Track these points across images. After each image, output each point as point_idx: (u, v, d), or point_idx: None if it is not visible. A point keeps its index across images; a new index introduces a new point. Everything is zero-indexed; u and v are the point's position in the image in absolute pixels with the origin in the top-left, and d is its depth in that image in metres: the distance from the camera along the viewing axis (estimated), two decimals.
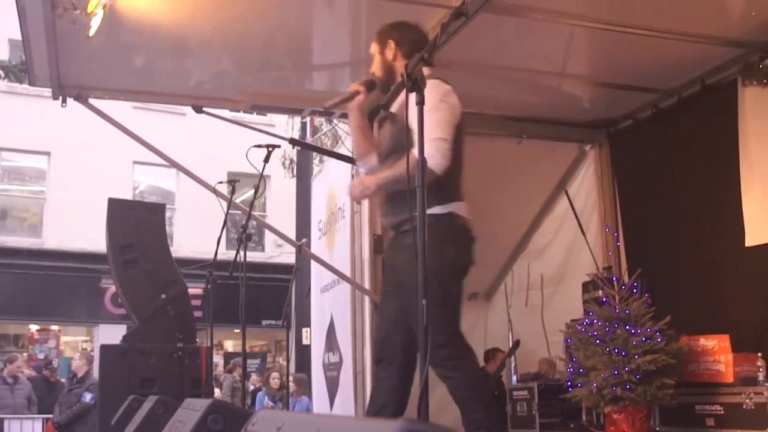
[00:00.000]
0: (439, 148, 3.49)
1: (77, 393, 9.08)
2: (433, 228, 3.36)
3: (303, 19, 5.21)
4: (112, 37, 4.84)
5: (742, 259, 5.54)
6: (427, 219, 3.29)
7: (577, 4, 5.22)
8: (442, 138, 3.51)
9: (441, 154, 3.50)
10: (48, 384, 11.14)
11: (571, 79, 6.41)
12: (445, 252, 3.51)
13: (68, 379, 10.13)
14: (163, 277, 5.60)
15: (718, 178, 5.81)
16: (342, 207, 6.72)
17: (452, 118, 3.62)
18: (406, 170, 3.21)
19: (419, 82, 3.13)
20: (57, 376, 11.60)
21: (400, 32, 3.90)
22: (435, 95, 3.51)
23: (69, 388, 9.48)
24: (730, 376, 5.09)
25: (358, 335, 6.17)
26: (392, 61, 3.89)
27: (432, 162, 3.38)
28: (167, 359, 5.37)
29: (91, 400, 8.65)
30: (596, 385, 5.05)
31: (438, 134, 3.49)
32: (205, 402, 2.40)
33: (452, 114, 3.63)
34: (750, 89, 5.55)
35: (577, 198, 7.34)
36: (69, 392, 9.35)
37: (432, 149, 3.41)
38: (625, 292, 5.41)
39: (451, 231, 3.62)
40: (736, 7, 5.25)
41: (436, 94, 3.53)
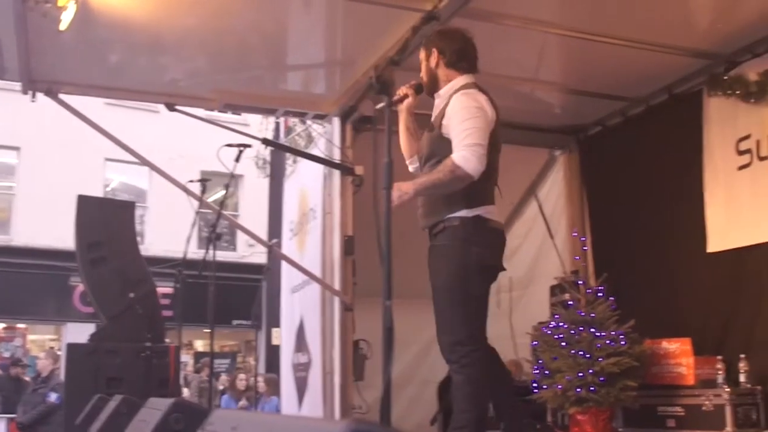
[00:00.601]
0: (477, 153, 3.62)
1: (42, 393, 8.95)
2: (459, 229, 3.72)
3: (278, 18, 5.22)
4: (84, 32, 4.79)
5: (704, 264, 5.66)
6: (455, 221, 3.74)
7: (550, 12, 5.29)
8: (479, 144, 3.64)
9: (478, 159, 3.62)
10: (15, 383, 10.95)
11: (543, 85, 6.48)
12: (469, 252, 3.70)
13: (33, 379, 10.00)
14: (131, 276, 5.57)
15: (683, 186, 5.92)
16: (313, 208, 6.74)
17: (486, 126, 3.73)
18: (444, 174, 3.61)
19: (387, 85, 3.27)
20: (26, 375, 11.45)
21: (444, 41, 4.01)
22: (471, 104, 3.72)
23: (33, 388, 9.33)
24: (691, 378, 5.19)
25: (327, 336, 6.18)
26: (435, 69, 4.01)
27: (470, 166, 3.58)
28: (135, 358, 5.35)
29: (57, 400, 8.56)
30: (561, 386, 5.13)
31: (475, 140, 3.63)
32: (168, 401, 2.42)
33: (486, 122, 3.73)
34: (715, 99, 5.67)
35: (547, 202, 7.43)
36: (33, 392, 9.21)
37: (469, 153, 3.60)
38: (591, 295, 5.50)
39: (477, 232, 3.74)
40: (702, 19, 5.34)
41: (472, 102, 3.74)
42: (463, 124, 3.68)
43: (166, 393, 5.20)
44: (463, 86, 3.87)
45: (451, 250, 3.74)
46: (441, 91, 3.96)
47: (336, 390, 5.96)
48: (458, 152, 3.63)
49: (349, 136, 6.31)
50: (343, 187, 6.19)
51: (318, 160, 6.31)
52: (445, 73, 3.96)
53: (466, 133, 3.65)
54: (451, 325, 3.73)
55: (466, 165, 3.59)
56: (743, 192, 5.39)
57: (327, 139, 6.39)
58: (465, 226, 3.73)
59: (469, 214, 3.74)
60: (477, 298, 3.78)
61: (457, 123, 3.71)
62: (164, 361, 5.43)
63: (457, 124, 3.71)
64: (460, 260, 3.72)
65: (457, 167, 3.61)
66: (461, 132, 3.66)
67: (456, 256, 3.72)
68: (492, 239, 3.84)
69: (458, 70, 3.96)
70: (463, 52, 3.99)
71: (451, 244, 3.75)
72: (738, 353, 5.17)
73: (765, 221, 5.21)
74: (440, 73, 3.99)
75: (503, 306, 7.65)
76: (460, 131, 3.67)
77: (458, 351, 3.68)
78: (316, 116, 6.54)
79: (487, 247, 3.79)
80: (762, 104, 5.27)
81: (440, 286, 3.79)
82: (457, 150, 3.64)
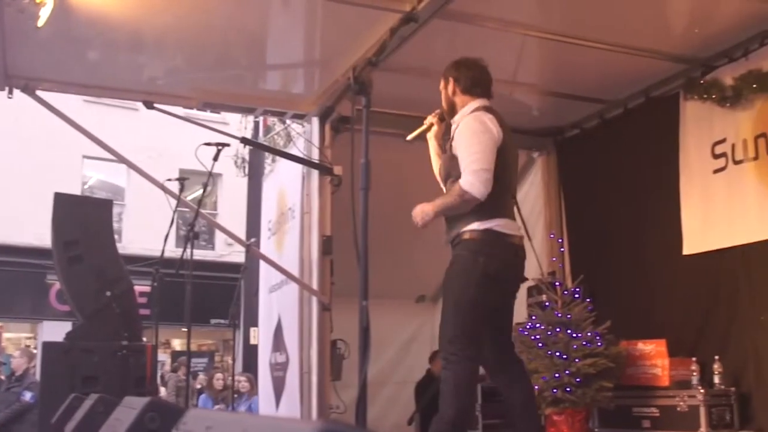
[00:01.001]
0: (482, 179, 3.85)
1: (16, 391, 8.85)
2: (470, 242, 3.96)
3: (258, 18, 5.21)
4: (62, 28, 4.74)
5: (680, 267, 5.72)
6: (467, 234, 3.98)
7: (530, 14, 5.33)
8: (484, 169, 3.87)
9: (483, 185, 3.85)
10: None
11: (521, 87, 6.50)
12: (476, 261, 3.94)
13: (7, 377, 9.88)
14: (108, 274, 5.52)
15: (659, 188, 5.98)
16: (292, 207, 6.72)
17: (493, 147, 3.92)
18: (454, 198, 3.93)
19: (365, 85, 3.34)
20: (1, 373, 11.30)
21: (458, 70, 4.25)
22: (476, 126, 3.97)
23: (7, 387, 9.21)
24: (666, 379, 5.26)
25: (305, 335, 6.16)
26: (452, 96, 4.25)
27: (475, 190, 3.85)
28: (111, 357, 5.31)
29: (31, 399, 8.46)
30: (537, 387, 5.17)
31: (480, 165, 3.86)
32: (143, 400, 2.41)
33: (492, 141, 3.93)
34: (691, 103, 5.73)
35: (525, 204, 7.42)
36: (7, 390, 9.09)
37: (474, 179, 3.86)
38: (568, 296, 5.54)
39: (486, 244, 3.95)
40: (680, 23, 5.40)
41: (477, 125, 3.97)
42: (469, 149, 3.93)
43: (142, 392, 5.17)
44: (474, 109, 4.08)
45: (461, 258, 3.99)
46: (456, 118, 4.20)
47: (313, 390, 5.95)
48: (465, 177, 3.88)
49: (328, 136, 6.31)
50: (322, 186, 6.19)
51: (297, 160, 6.30)
52: (461, 99, 4.20)
53: (472, 158, 3.89)
54: (447, 325, 3.97)
55: (471, 189, 3.85)
56: (718, 195, 5.46)
57: (306, 139, 6.38)
58: (475, 238, 3.95)
59: (479, 227, 3.95)
60: (476, 305, 3.94)
61: (464, 147, 3.96)
62: (141, 360, 5.39)
63: (463, 148, 3.96)
64: (466, 268, 3.95)
65: (465, 192, 3.87)
66: (467, 157, 3.91)
67: (464, 264, 3.97)
68: (502, 252, 4.00)
69: (473, 95, 4.18)
70: (476, 78, 4.22)
71: (462, 254, 3.99)
72: (712, 355, 5.25)
73: (740, 224, 5.27)
74: (457, 100, 4.23)
75: None
76: (467, 156, 3.92)
77: (448, 349, 3.92)
78: (295, 116, 6.53)
79: (495, 258, 3.96)
80: (737, 108, 5.34)
81: (446, 288, 4.07)
82: (465, 175, 3.89)
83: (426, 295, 8.68)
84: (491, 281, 3.96)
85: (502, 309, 4.14)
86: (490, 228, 3.96)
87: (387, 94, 6.23)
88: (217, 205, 20.78)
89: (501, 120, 4.07)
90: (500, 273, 3.99)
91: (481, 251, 3.95)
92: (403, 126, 6.75)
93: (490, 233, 3.96)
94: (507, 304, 4.19)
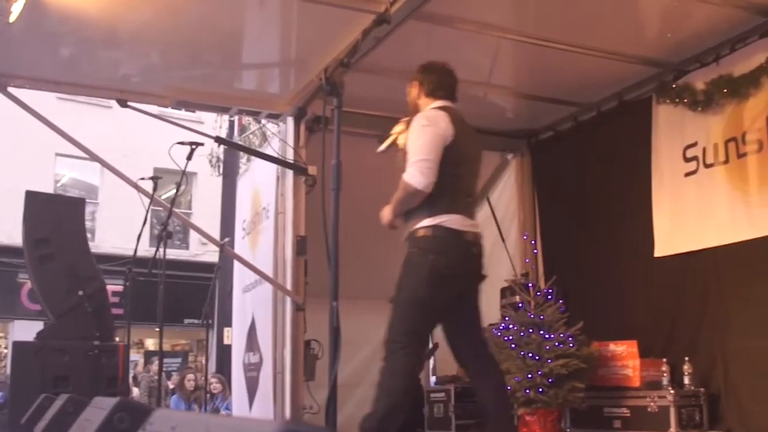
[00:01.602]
0: (420, 168, 3.84)
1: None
2: (421, 239, 3.93)
3: (234, 17, 5.19)
4: (34, 25, 4.70)
5: (651, 269, 5.78)
6: (419, 231, 3.94)
7: (504, 17, 5.36)
8: (423, 159, 3.85)
9: (422, 174, 3.83)
10: None
11: (496, 89, 6.56)
12: (425, 259, 3.90)
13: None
14: (80, 273, 5.47)
15: (631, 191, 6.04)
16: (266, 207, 6.70)
17: (437, 140, 3.91)
18: (400, 192, 3.92)
19: (337, 86, 3.37)
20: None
21: (423, 74, 4.29)
22: (422, 121, 3.97)
23: None
24: (636, 380, 5.30)
25: (278, 336, 6.15)
26: (417, 99, 4.27)
27: (415, 180, 3.83)
28: (82, 357, 5.25)
29: (0, 399, 8.40)
30: (510, 387, 5.19)
31: (420, 156, 3.86)
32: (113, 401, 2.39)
33: (436, 136, 3.91)
34: (663, 107, 5.80)
35: (499, 205, 7.50)
36: None
37: (413, 169, 3.85)
38: (541, 298, 5.58)
39: (436, 241, 3.91)
40: (653, 28, 5.46)
41: (423, 120, 3.99)
42: (412, 143, 3.92)
43: (114, 392, 5.13)
44: (426, 111, 4.11)
45: (412, 256, 3.94)
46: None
47: (287, 390, 5.94)
48: (408, 170, 3.87)
49: (303, 136, 6.29)
50: (296, 186, 6.17)
51: (271, 160, 6.28)
52: (425, 101, 4.22)
53: (413, 151, 3.89)
54: (394, 321, 3.92)
55: (411, 180, 3.84)
56: (689, 198, 5.52)
57: (281, 139, 6.37)
58: (425, 235, 3.92)
59: (429, 223, 3.91)
60: (425, 303, 3.90)
61: (410, 142, 3.96)
62: (113, 360, 5.35)
63: (409, 143, 3.96)
64: (416, 265, 3.91)
65: (407, 184, 3.87)
66: (411, 150, 3.91)
67: (414, 261, 3.93)
68: (452, 248, 3.94)
69: (436, 98, 4.19)
70: (439, 82, 4.24)
71: (412, 251, 3.95)
72: (682, 356, 5.30)
73: (710, 227, 5.34)
74: (420, 103, 4.24)
75: None
76: (410, 150, 3.92)
77: (388, 345, 3.89)
78: (270, 115, 6.52)
79: (445, 255, 3.91)
80: (708, 113, 5.40)
81: (397, 285, 3.98)
82: (407, 168, 3.88)
83: None
84: (441, 279, 3.91)
85: (463, 306, 4.08)
86: (440, 224, 3.91)
87: (362, 95, 6.25)
88: (192, 205, 20.67)
89: (458, 118, 4.07)
90: (451, 270, 3.92)
91: (431, 248, 3.91)
92: (379, 126, 6.76)
93: (441, 229, 3.91)
94: (468, 301, 4.11)
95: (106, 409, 2.32)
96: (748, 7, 5.01)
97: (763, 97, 5.06)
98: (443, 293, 3.95)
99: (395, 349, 3.87)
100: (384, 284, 8.78)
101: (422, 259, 3.90)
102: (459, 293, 4.04)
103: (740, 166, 5.19)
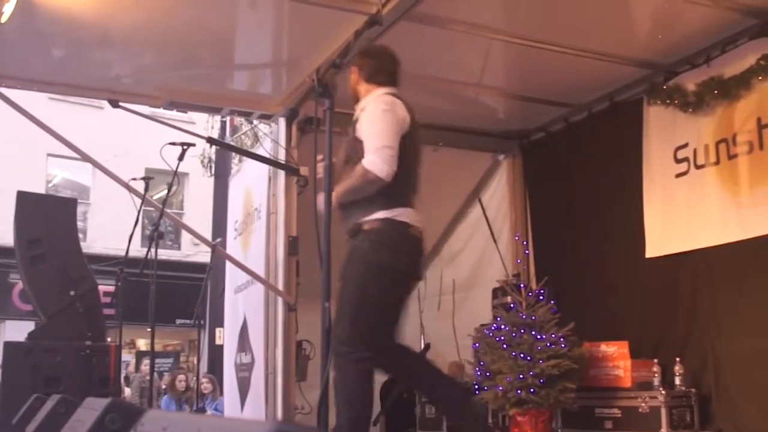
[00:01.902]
0: (383, 156, 3.64)
1: None
2: (373, 232, 3.71)
3: (226, 17, 5.18)
4: (26, 24, 4.68)
5: (642, 269, 5.80)
6: (371, 224, 3.72)
7: (496, 18, 5.37)
8: (387, 146, 3.66)
9: (385, 161, 3.64)
10: None
11: (488, 90, 6.57)
12: (378, 254, 3.69)
13: None
14: (72, 273, 5.46)
15: (622, 192, 6.06)
16: (258, 207, 6.70)
17: (396, 127, 3.76)
18: (357, 180, 3.65)
19: (329, 87, 3.34)
20: None
21: (363, 59, 4.13)
22: (378, 107, 3.79)
23: None
24: (628, 380, 5.32)
25: (270, 336, 6.15)
26: (356, 85, 4.11)
27: (377, 168, 3.62)
28: (74, 357, 5.24)
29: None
30: (502, 388, 5.21)
31: (383, 143, 3.66)
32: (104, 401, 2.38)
33: (396, 123, 3.76)
34: (654, 108, 5.82)
35: (490, 206, 7.52)
36: None
37: (377, 157, 3.63)
38: (532, 298, 5.59)
39: (390, 236, 3.73)
40: (643, 29, 5.48)
41: (381, 105, 3.80)
42: (372, 128, 3.74)
43: (106, 392, 5.12)
44: (382, 94, 3.94)
45: (362, 250, 3.72)
46: (361, 103, 4.02)
47: (278, 390, 5.94)
48: (367, 156, 3.67)
49: (295, 136, 6.31)
50: (288, 187, 6.18)
51: (263, 160, 6.28)
52: (365, 87, 4.05)
53: (374, 137, 3.70)
54: (343, 323, 3.61)
55: (373, 168, 3.63)
56: (681, 199, 5.54)
57: (272, 140, 6.37)
58: (378, 228, 3.73)
59: (382, 217, 3.73)
60: (379, 302, 3.71)
61: (368, 127, 3.76)
62: (105, 360, 5.34)
63: (367, 128, 3.77)
64: (368, 261, 3.70)
65: (367, 171, 3.64)
66: (371, 136, 3.71)
67: (365, 256, 3.71)
68: (406, 245, 3.79)
69: (376, 83, 4.02)
70: (379, 67, 4.08)
71: (362, 246, 3.73)
72: (673, 357, 5.32)
73: (701, 228, 5.36)
74: (360, 88, 4.08)
75: (445, 308, 7.74)
76: (370, 135, 3.72)
77: (339, 350, 3.56)
78: (261, 116, 6.51)
79: (398, 251, 3.75)
80: (699, 114, 5.42)
81: (345, 282, 3.72)
82: (367, 154, 3.68)
83: None
84: (395, 276, 3.75)
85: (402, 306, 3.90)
86: (395, 218, 3.73)
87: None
88: (184, 205, 20.62)
89: (410, 107, 3.95)
90: (405, 267, 3.79)
91: (385, 244, 3.70)
92: None
93: (395, 224, 3.73)
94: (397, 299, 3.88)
95: (98, 410, 2.32)
96: (738, 9, 5.03)
97: (754, 98, 5.09)
98: (396, 292, 3.79)
99: (346, 356, 3.60)
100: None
101: (374, 254, 3.69)
102: (407, 292, 3.88)
103: (731, 167, 5.21)
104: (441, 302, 7.86)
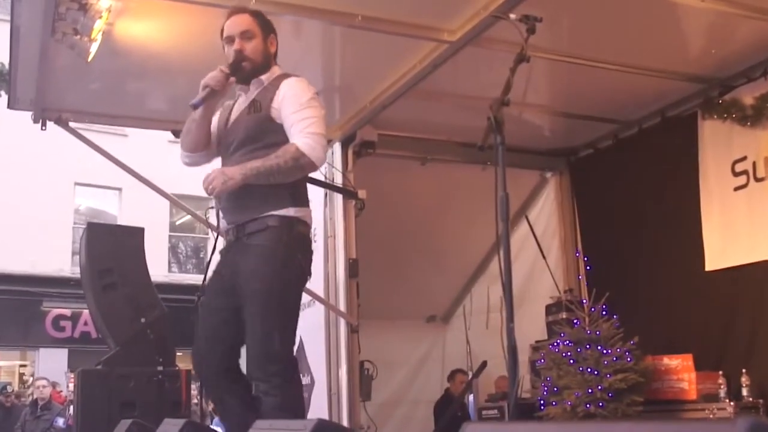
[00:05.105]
0: (321, 143, 3.29)
1: (47, 419, 8.89)
2: (284, 231, 3.25)
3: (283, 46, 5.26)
4: (105, 62, 4.80)
5: (702, 282, 5.85)
6: (277, 220, 3.24)
7: (539, 37, 5.38)
8: (322, 134, 3.32)
9: (323, 149, 3.32)
10: (3, 409, 10.76)
11: (532, 108, 6.58)
12: (293, 258, 3.29)
13: (31, 405, 9.85)
14: (142, 301, 5.56)
15: (678, 206, 6.11)
16: (314, 230, 6.80)
17: (324, 117, 3.41)
18: (285, 161, 3.18)
19: (500, 123, 3.18)
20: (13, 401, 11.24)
21: (274, 35, 3.56)
22: (307, 92, 3.37)
23: (36, 415, 9.25)
24: (693, 393, 5.35)
25: (332, 357, 6.23)
26: (266, 54, 3.48)
27: (315, 155, 3.23)
28: (147, 383, 5.32)
29: (64, 425, 8.51)
30: (570, 403, 5.27)
31: (319, 130, 3.30)
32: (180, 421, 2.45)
33: (324, 113, 3.41)
34: (709, 122, 5.88)
35: (538, 223, 7.58)
36: (36, 419, 9.14)
37: (314, 142, 3.24)
38: (595, 314, 5.65)
39: (302, 236, 3.35)
40: (696, 44, 5.53)
41: (310, 90, 3.40)
42: (304, 112, 3.29)
43: (178, 416, 5.20)
44: (298, 78, 3.44)
45: (271, 252, 3.22)
46: (263, 76, 3.45)
47: (343, 410, 6.02)
48: (303, 139, 3.23)
49: (351, 160, 6.41)
50: (346, 210, 6.29)
51: (321, 184, 6.38)
52: (272, 64, 3.51)
53: (309, 121, 3.27)
54: (264, 338, 3.17)
55: (312, 153, 3.21)
56: (740, 212, 5.60)
57: (328, 164, 6.47)
58: (290, 227, 3.27)
59: (293, 214, 3.30)
60: (294, 310, 3.33)
61: (297, 109, 3.29)
62: (176, 385, 5.42)
63: (297, 110, 3.29)
64: (282, 265, 3.22)
65: (302, 155, 3.20)
66: (303, 119, 3.27)
67: (278, 260, 3.22)
68: (309, 248, 3.43)
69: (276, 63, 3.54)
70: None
71: (271, 246, 3.22)
72: (738, 368, 5.34)
73: (762, 240, 5.42)
74: (268, 62, 3.49)
75: (494, 325, 7.78)
76: (302, 118, 3.27)
77: (269, 369, 3.15)
78: None
79: (308, 254, 3.40)
80: (758, 127, 5.49)
81: (257, 290, 3.20)
82: (302, 137, 3.23)
83: (436, 315, 8.79)
84: (303, 282, 3.42)
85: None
86: (302, 218, 3.34)
87: (406, 119, 6.37)
88: None
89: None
90: (310, 272, 3.42)
91: (296, 246, 3.29)
92: (423, 149, 6.90)
93: (303, 225, 3.34)
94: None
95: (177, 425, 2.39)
96: None
97: None
98: (300, 297, 3.45)
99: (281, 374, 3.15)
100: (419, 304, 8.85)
101: (288, 258, 3.25)
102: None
103: None
104: (489, 320, 7.92)
